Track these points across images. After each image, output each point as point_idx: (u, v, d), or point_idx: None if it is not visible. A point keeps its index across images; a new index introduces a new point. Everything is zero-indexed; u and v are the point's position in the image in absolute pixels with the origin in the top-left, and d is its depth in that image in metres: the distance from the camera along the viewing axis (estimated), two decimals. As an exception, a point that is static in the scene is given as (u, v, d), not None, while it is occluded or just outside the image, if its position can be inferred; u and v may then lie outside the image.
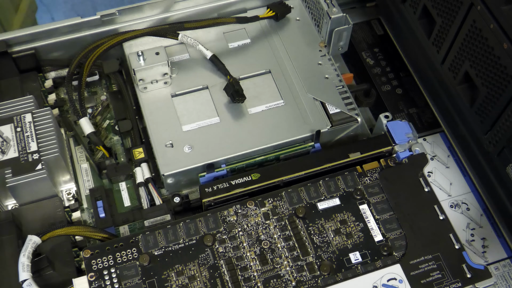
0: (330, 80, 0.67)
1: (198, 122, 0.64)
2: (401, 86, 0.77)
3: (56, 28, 0.67)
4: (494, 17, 0.56)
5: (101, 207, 0.61)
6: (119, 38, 0.67)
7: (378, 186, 0.58)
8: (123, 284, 0.52)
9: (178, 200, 0.60)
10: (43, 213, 0.59)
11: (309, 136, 0.63)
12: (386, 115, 0.63)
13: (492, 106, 0.59)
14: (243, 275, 0.53)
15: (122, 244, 0.54)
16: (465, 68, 0.62)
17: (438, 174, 0.69)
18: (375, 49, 0.80)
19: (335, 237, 0.55)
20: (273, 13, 0.72)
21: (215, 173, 0.60)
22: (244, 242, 0.55)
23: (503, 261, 0.64)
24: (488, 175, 0.65)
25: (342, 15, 0.66)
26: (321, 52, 0.70)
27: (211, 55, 0.67)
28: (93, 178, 0.65)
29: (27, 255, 0.52)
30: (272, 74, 0.68)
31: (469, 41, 0.60)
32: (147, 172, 0.63)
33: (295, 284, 0.53)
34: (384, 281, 0.53)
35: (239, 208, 0.57)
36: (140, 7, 0.70)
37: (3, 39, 0.66)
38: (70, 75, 0.67)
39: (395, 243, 0.55)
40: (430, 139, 0.72)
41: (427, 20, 0.69)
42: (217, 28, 0.71)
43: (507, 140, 0.58)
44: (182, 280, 0.52)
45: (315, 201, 0.57)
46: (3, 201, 0.63)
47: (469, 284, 0.53)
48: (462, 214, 0.66)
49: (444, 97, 0.69)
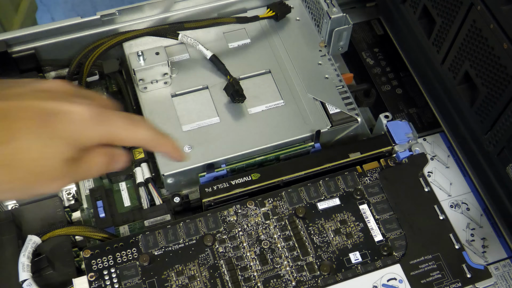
0: (330, 80, 0.67)
1: (198, 122, 0.64)
2: (401, 86, 0.77)
3: (56, 28, 0.67)
4: (494, 17, 0.56)
5: (101, 207, 0.61)
6: (119, 38, 0.67)
7: (378, 186, 0.58)
8: (123, 284, 0.52)
9: (178, 200, 0.60)
10: (43, 213, 0.59)
11: (309, 136, 0.63)
12: (386, 115, 0.63)
13: (492, 106, 0.59)
14: (243, 275, 0.53)
15: (122, 244, 0.54)
16: (465, 68, 0.62)
17: (438, 174, 0.69)
18: (375, 49, 0.80)
19: (335, 237, 0.55)
20: (273, 13, 0.72)
21: (215, 173, 0.60)
22: (244, 242, 0.55)
23: (503, 261, 0.64)
24: (488, 175, 0.65)
25: (342, 15, 0.66)
26: (321, 52, 0.70)
27: (211, 55, 0.67)
28: (93, 178, 0.65)
29: (27, 255, 0.52)
30: (272, 74, 0.68)
31: (469, 41, 0.60)
32: (147, 172, 0.63)
33: (295, 284, 0.53)
34: (384, 281, 0.53)
35: (239, 208, 0.57)
36: (140, 7, 0.70)
37: (3, 39, 0.66)
38: (70, 75, 0.67)
39: (395, 243, 0.55)
40: (430, 139, 0.72)
41: (427, 20, 0.69)
42: (217, 28, 0.71)
43: (507, 140, 0.58)
44: (182, 280, 0.52)
45: (315, 201, 0.57)
46: (3, 201, 0.63)
47: (469, 284, 0.53)
48: (462, 214, 0.66)
49: (444, 97, 0.69)
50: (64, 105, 0.38)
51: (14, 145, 0.36)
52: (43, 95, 0.39)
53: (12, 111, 0.37)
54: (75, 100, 0.39)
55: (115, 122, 0.41)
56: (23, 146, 0.37)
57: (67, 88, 0.41)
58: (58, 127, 0.38)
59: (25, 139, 0.37)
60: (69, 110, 0.38)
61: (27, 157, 0.37)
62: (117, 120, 0.41)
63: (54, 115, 0.38)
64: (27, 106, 0.37)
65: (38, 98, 0.38)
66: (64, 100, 0.39)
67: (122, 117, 0.41)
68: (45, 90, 0.40)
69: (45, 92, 0.39)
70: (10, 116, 0.37)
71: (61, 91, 0.40)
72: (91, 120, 0.39)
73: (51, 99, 0.38)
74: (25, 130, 0.37)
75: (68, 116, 0.38)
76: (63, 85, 0.41)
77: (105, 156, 0.42)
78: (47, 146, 0.38)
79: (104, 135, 0.40)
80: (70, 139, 0.39)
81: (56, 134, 0.38)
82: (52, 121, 0.38)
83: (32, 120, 0.37)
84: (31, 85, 0.40)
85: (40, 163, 0.38)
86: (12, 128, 0.36)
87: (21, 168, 0.37)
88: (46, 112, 0.38)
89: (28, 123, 0.37)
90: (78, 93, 0.41)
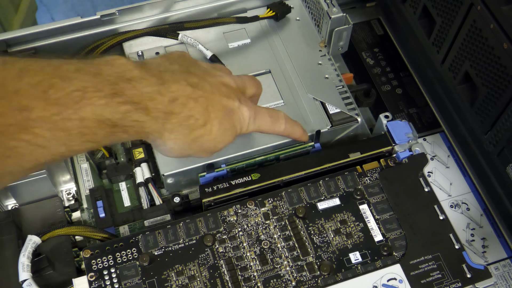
0: (330, 80, 0.67)
1: (198, 122, 0.64)
2: (401, 86, 0.77)
3: (56, 28, 0.67)
4: (494, 17, 0.56)
5: (101, 207, 0.61)
6: (119, 38, 0.67)
7: (378, 186, 0.58)
8: (123, 284, 0.52)
9: (178, 200, 0.60)
10: (43, 213, 0.59)
11: (309, 136, 0.63)
12: (386, 115, 0.63)
13: (492, 106, 0.59)
14: (243, 275, 0.53)
15: (122, 244, 0.54)
16: (465, 68, 0.62)
17: (438, 174, 0.69)
18: (375, 49, 0.80)
19: (335, 237, 0.55)
20: (273, 13, 0.72)
21: (215, 173, 0.60)
22: (244, 242, 0.55)
23: (503, 261, 0.64)
24: (488, 175, 0.65)
25: (342, 15, 0.66)
26: (321, 52, 0.70)
27: (211, 55, 0.67)
28: (93, 178, 0.65)
29: (27, 255, 0.52)
30: (272, 74, 0.68)
31: (469, 41, 0.60)
32: (147, 172, 0.63)
33: (295, 284, 0.53)
34: (384, 281, 0.53)
35: (239, 208, 0.57)
36: (140, 7, 0.70)
37: (3, 39, 0.66)
38: (70, 75, 0.67)
39: (395, 243, 0.55)
40: (430, 139, 0.72)
41: (427, 20, 0.70)
42: (217, 28, 0.71)
43: (507, 140, 0.58)
44: (182, 280, 0.52)
45: (315, 201, 0.57)
46: (3, 201, 0.63)
47: (469, 284, 0.53)
48: (462, 214, 0.66)
49: (444, 97, 0.69)
50: (237, 104, 0.51)
51: (207, 127, 0.49)
52: (225, 91, 0.50)
53: (210, 100, 0.49)
54: (241, 98, 0.52)
55: (264, 119, 0.55)
56: (212, 129, 0.49)
57: (235, 86, 0.53)
58: (234, 121, 0.51)
59: (214, 124, 0.49)
60: (240, 109, 0.51)
61: (210, 138, 0.49)
62: (265, 118, 0.55)
63: (233, 111, 0.51)
64: (219, 100, 0.49)
65: (223, 94, 0.50)
66: (236, 98, 0.51)
67: (268, 115, 0.55)
68: (227, 86, 0.51)
69: (227, 88, 0.51)
70: (208, 104, 0.48)
71: (234, 88, 0.52)
72: (250, 118, 0.52)
73: (230, 97, 0.51)
74: (216, 119, 0.49)
75: (240, 113, 0.51)
76: (234, 82, 0.53)
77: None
78: (224, 134, 0.50)
79: (256, 129, 0.54)
80: (238, 131, 0.52)
81: (231, 126, 0.51)
82: (231, 116, 0.51)
83: (221, 111, 0.49)
84: (217, 79, 0.51)
85: (214, 144, 0.50)
86: (210, 114, 0.48)
87: (202, 145, 0.50)
88: (229, 107, 0.50)
89: (219, 114, 0.49)
90: (242, 89, 0.54)
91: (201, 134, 0.48)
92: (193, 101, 0.47)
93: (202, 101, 0.48)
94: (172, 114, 0.46)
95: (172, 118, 0.46)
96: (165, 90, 0.46)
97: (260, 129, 0.55)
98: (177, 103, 0.46)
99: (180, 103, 0.46)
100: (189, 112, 0.47)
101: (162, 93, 0.46)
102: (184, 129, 0.47)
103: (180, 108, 0.46)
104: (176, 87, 0.47)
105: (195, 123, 0.48)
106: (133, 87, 0.44)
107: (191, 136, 0.48)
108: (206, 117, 0.48)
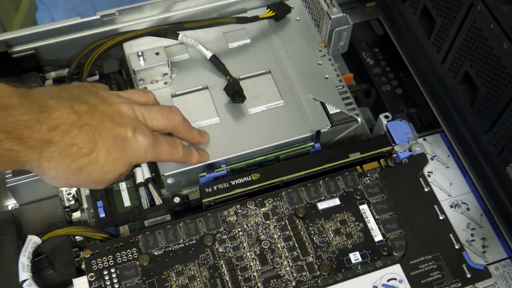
0: (330, 80, 0.67)
1: (198, 122, 0.64)
2: (401, 86, 0.77)
3: (56, 28, 0.67)
4: (494, 17, 0.56)
5: (101, 207, 0.61)
6: (119, 38, 0.67)
7: (378, 186, 0.58)
8: (123, 284, 0.52)
9: (178, 200, 0.60)
10: (43, 213, 0.59)
11: (309, 136, 0.63)
12: (386, 115, 0.63)
13: (492, 106, 0.59)
14: (243, 275, 0.53)
15: (122, 244, 0.54)
16: (465, 68, 0.62)
17: (438, 174, 0.69)
18: (375, 49, 0.80)
19: (335, 237, 0.55)
20: (273, 13, 0.72)
21: (215, 173, 0.60)
22: (244, 242, 0.55)
23: (503, 261, 0.64)
24: (488, 175, 0.65)
25: (342, 15, 0.66)
26: (321, 52, 0.70)
27: (211, 55, 0.67)
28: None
29: (27, 255, 0.52)
30: (272, 74, 0.68)
31: (469, 41, 0.60)
32: (147, 172, 0.63)
33: (295, 284, 0.53)
34: (384, 281, 0.53)
35: (239, 208, 0.57)
36: (140, 7, 0.70)
37: (3, 39, 0.66)
38: (70, 75, 0.67)
39: (395, 243, 0.55)
40: (430, 139, 0.72)
41: (427, 20, 0.70)
42: (217, 28, 0.71)
43: (507, 140, 0.58)
44: (182, 280, 0.52)
45: (315, 201, 0.57)
46: (3, 201, 0.63)
47: (469, 284, 0.53)
48: (462, 214, 0.66)
49: (444, 97, 0.69)
50: (131, 134, 0.50)
51: (93, 156, 0.47)
52: (119, 120, 0.49)
53: (97, 128, 0.47)
54: (138, 127, 0.51)
55: (163, 148, 0.53)
56: (99, 158, 0.47)
57: (133, 116, 0.51)
58: (126, 150, 0.50)
59: (101, 153, 0.47)
60: (135, 139, 0.50)
61: (96, 167, 0.48)
62: (164, 146, 0.54)
63: (125, 140, 0.49)
64: (109, 129, 0.48)
65: (116, 122, 0.49)
66: (131, 127, 0.50)
67: (166, 144, 0.54)
68: (122, 115, 0.50)
69: (122, 117, 0.50)
70: (95, 132, 0.47)
71: (131, 117, 0.51)
72: (147, 148, 0.51)
73: (123, 125, 0.49)
74: (103, 148, 0.47)
75: (135, 143, 0.50)
76: (133, 112, 0.52)
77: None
78: (113, 164, 0.49)
79: (155, 158, 0.54)
80: (133, 160, 0.51)
81: (123, 155, 0.49)
82: (123, 145, 0.49)
83: (109, 140, 0.48)
84: (113, 107, 0.50)
85: (102, 174, 0.48)
86: (96, 143, 0.47)
87: (89, 175, 0.48)
88: (120, 136, 0.49)
89: (107, 142, 0.48)
90: (145, 119, 0.53)
91: (86, 163, 0.47)
92: (77, 129, 0.46)
93: (87, 129, 0.47)
94: (51, 142, 0.45)
95: (51, 147, 0.45)
96: (45, 118, 0.44)
97: (159, 158, 0.54)
98: (58, 131, 0.45)
99: (61, 131, 0.45)
100: (71, 140, 0.46)
101: (41, 121, 0.44)
102: (65, 158, 0.46)
103: (61, 136, 0.45)
104: (58, 115, 0.45)
105: (78, 151, 0.46)
106: (8, 114, 0.42)
107: (74, 165, 0.46)
108: (91, 145, 0.47)
